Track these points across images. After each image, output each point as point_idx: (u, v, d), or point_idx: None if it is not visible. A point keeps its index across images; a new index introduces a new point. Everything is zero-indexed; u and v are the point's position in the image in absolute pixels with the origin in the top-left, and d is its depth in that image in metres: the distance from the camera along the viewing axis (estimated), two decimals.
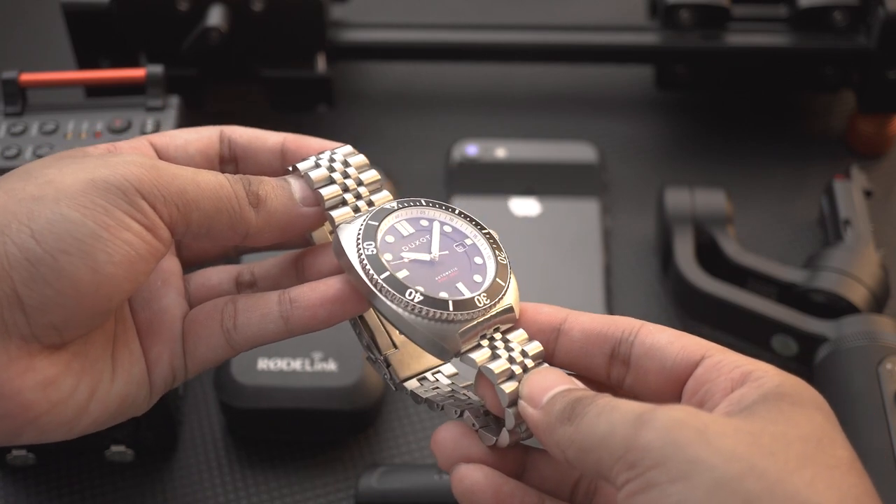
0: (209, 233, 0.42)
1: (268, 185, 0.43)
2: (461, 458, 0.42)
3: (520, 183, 0.73)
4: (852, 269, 0.64)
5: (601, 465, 0.36)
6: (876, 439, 0.56)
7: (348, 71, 0.83)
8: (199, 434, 0.63)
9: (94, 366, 0.42)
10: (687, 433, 0.34)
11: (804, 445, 0.35)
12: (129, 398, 0.43)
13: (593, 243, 0.71)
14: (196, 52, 0.72)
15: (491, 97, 0.82)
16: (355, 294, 0.42)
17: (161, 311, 0.45)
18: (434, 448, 0.42)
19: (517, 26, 0.78)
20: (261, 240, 0.43)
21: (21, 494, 0.60)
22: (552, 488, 0.43)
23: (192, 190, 0.41)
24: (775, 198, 0.76)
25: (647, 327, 0.42)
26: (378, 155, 0.77)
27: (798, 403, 0.37)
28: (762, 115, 0.81)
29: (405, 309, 0.40)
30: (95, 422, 0.42)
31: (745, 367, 0.39)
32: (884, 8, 0.71)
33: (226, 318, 0.44)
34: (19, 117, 0.62)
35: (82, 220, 0.38)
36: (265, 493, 0.61)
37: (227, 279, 0.47)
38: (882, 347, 0.59)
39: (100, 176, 0.39)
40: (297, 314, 0.43)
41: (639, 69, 0.81)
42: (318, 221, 0.44)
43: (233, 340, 0.44)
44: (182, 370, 0.45)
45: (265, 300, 0.44)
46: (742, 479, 0.33)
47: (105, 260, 0.39)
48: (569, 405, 0.38)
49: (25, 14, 0.88)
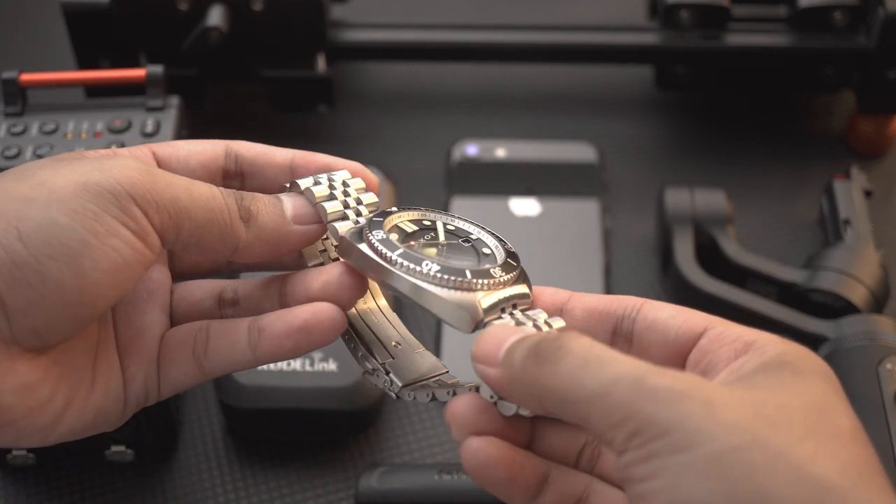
0: (199, 244, 0.42)
1: (259, 201, 0.43)
2: (475, 430, 0.41)
3: (520, 183, 0.73)
4: (852, 269, 0.64)
5: (588, 421, 0.36)
6: (876, 439, 0.56)
7: (348, 71, 0.83)
8: (199, 434, 0.63)
9: (73, 374, 0.41)
10: (692, 405, 0.34)
11: (806, 415, 0.35)
12: (105, 411, 0.43)
13: (593, 243, 0.71)
14: (196, 52, 0.72)
15: (491, 97, 0.82)
16: (322, 324, 0.42)
17: (142, 328, 0.45)
18: (450, 419, 0.41)
19: (517, 26, 0.78)
20: (251, 255, 0.43)
21: (21, 494, 0.60)
22: (559, 456, 0.42)
23: (185, 198, 0.41)
24: (775, 198, 0.76)
25: (650, 304, 0.42)
26: (378, 155, 0.78)
27: (800, 372, 0.37)
28: (762, 115, 0.81)
29: (424, 279, 0.40)
30: (71, 431, 0.42)
31: (746, 336, 0.39)
32: (884, 8, 0.71)
33: (198, 344, 0.44)
34: (19, 117, 0.62)
35: (71, 224, 0.38)
36: (265, 493, 0.61)
37: (210, 296, 0.47)
38: (882, 347, 0.59)
39: (93, 179, 0.39)
40: (263, 344, 0.43)
41: (639, 69, 0.81)
42: (309, 240, 0.44)
43: (204, 367, 0.44)
44: (155, 391, 0.45)
45: (235, 328, 0.44)
46: (744, 450, 0.33)
47: (91, 266, 0.38)
48: (530, 350, 0.37)
49: (25, 14, 0.88)
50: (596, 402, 0.35)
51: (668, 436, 0.34)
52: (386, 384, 0.44)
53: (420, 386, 0.44)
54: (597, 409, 0.35)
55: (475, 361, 0.40)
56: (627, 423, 0.35)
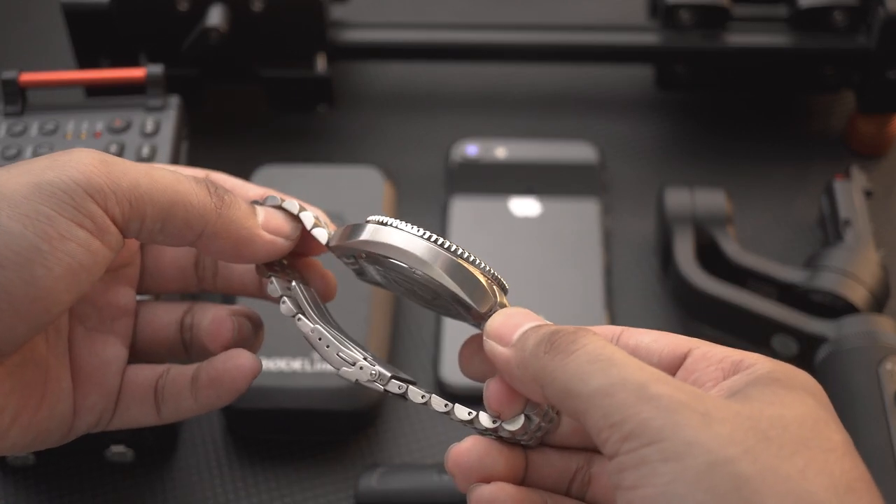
0: (164, 228, 0.41)
1: (233, 195, 0.44)
2: (482, 476, 0.42)
3: (520, 183, 0.73)
4: (852, 269, 0.64)
5: (586, 418, 0.36)
6: (876, 439, 0.56)
7: (348, 71, 0.83)
8: (199, 434, 0.63)
9: (24, 390, 0.41)
10: (689, 416, 0.34)
11: (799, 429, 0.35)
12: (46, 433, 0.43)
13: (593, 243, 0.71)
14: (196, 52, 0.72)
15: (491, 97, 0.82)
16: (245, 376, 0.45)
17: (103, 363, 0.45)
18: (453, 468, 0.42)
19: (517, 26, 0.78)
20: (214, 247, 0.43)
21: (21, 494, 0.60)
22: (551, 485, 0.43)
23: (145, 183, 0.40)
24: (775, 198, 0.76)
25: (629, 331, 0.42)
26: (378, 155, 0.78)
27: (791, 387, 0.37)
28: (762, 115, 0.81)
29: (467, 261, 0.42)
30: (12, 447, 0.42)
31: (733, 356, 0.39)
32: (884, 8, 0.71)
33: (159, 389, 0.46)
34: (19, 117, 0.62)
35: (21, 231, 0.37)
36: (265, 493, 0.61)
37: (174, 320, 0.48)
38: (882, 347, 0.59)
39: (46, 179, 0.38)
40: (202, 393, 0.45)
41: (639, 69, 0.81)
42: (274, 251, 0.45)
43: (161, 412, 0.46)
44: (106, 422, 0.45)
45: (182, 377, 0.46)
46: (735, 462, 0.33)
47: (43, 273, 0.38)
48: (545, 337, 0.38)
49: (25, 14, 0.88)
50: (597, 400, 0.36)
51: (661, 443, 0.34)
52: (374, 376, 0.44)
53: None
54: (597, 407, 0.36)
55: (488, 338, 0.40)
56: (623, 425, 0.35)
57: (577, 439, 0.44)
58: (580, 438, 0.43)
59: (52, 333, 0.44)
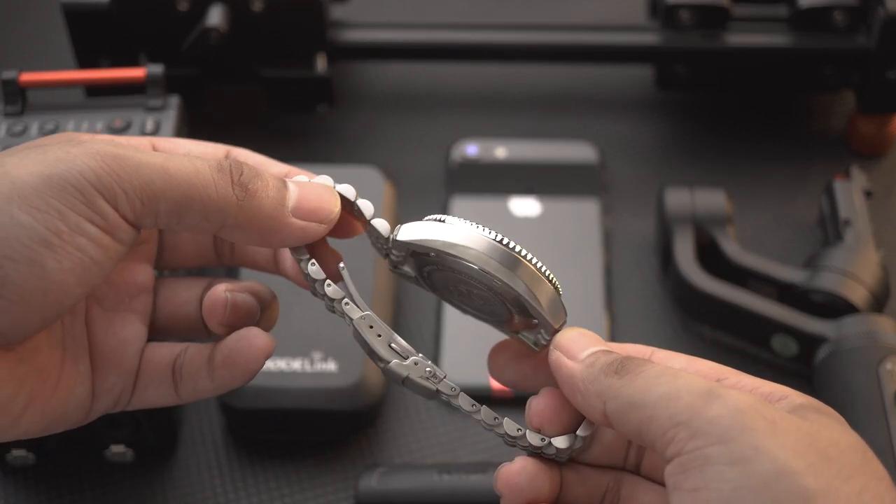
0: (181, 222, 0.40)
1: (261, 181, 0.41)
2: (531, 499, 0.42)
3: (520, 183, 0.73)
4: (852, 269, 0.64)
5: (651, 423, 0.36)
6: (876, 439, 0.56)
7: (348, 71, 0.83)
8: (199, 434, 0.63)
9: (38, 375, 0.41)
10: (757, 420, 0.35)
11: (854, 454, 0.36)
12: (62, 417, 0.42)
13: (593, 243, 0.71)
14: (196, 52, 0.72)
15: (491, 97, 0.82)
16: (260, 352, 0.44)
17: (122, 343, 0.44)
18: (503, 488, 0.42)
19: (517, 26, 0.78)
20: (239, 237, 0.42)
21: (21, 494, 0.60)
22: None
23: (159, 179, 0.39)
24: (775, 198, 0.76)
25: (659, 353, 0.42)
26: (378, 155, 0.78)
27: (833, 418, 0.38)
28: (762, 115, 0.81)
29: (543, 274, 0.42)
30: (26, 432, 0.41)
31: (763, 388, 0.40)
32: (884, 8, 0.71)
33: (177, 368, 0.45)
34: (19, 117, 0.62)
35: (32, 224, 0.37)
36: (265, 493, 0.61)
37: (195, 297, 0.47)
38: (882, 347, 0.59)
39: (57, 172, 0.38)
40: (217, 373, 0.44)
41: (639, 69, 0.81)
42: (305, 238, 0.42)
43: (180, 392, 0.45)
44: (126, 403, 0.45)
45: (200, 356, 0.44)
46: (801, 476, 0.34)
47: (54, 267, 0.37)
48: (617, 361, 0.39)
49: (25, 14, 0.88)
50: (663, 403, 0.36)
51: (728, 444, 0.34)
52: (429, 373, 0.43)
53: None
54: (663, 409, 0.36)
55: (556, 349, 0.41)
56: (691, 423, 0.35)
57: (607, 458, 0.44)
58: (610, 457, 0.44)
59: (68, 316, 0.43)
